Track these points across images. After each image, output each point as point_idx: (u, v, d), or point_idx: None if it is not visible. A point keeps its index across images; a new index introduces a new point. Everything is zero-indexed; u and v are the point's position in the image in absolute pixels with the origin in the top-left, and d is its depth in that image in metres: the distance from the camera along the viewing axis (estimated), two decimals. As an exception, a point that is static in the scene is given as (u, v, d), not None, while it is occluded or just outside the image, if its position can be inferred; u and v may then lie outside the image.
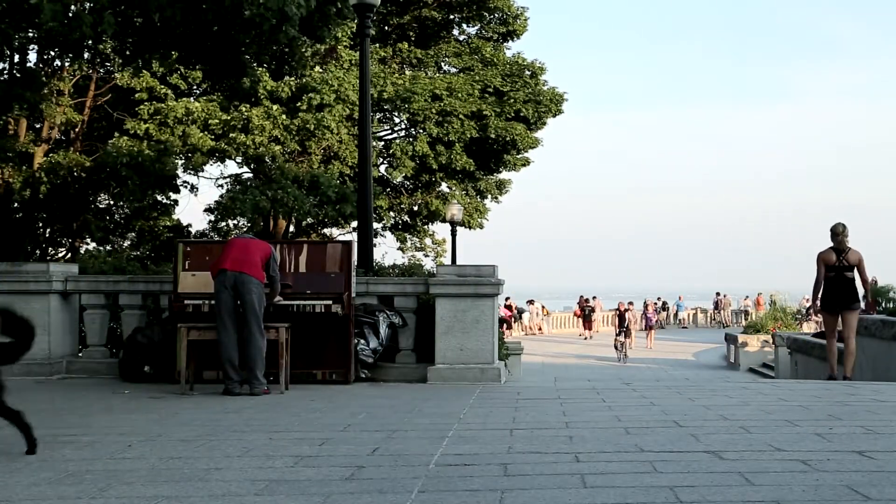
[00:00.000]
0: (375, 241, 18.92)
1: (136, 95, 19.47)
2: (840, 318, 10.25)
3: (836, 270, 10.08)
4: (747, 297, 53.58)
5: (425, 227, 27.23)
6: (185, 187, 21.37)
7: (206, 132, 19.70)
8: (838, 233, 10.13)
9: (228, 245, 7.89)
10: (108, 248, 19.29)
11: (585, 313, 41.90)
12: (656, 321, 37.05)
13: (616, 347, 28.55)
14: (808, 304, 26.26)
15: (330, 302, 8.22)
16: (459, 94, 22.69)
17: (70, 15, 8.94)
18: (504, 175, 26.89)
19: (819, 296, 10.22)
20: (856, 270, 10.10)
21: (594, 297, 44.64)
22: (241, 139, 19.86)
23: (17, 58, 14.31)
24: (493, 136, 23.33)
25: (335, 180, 19.69)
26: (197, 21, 9.82)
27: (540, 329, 44.02)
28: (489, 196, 26.95)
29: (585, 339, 38.97)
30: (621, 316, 29.61)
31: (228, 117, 19.89)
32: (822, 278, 10.17)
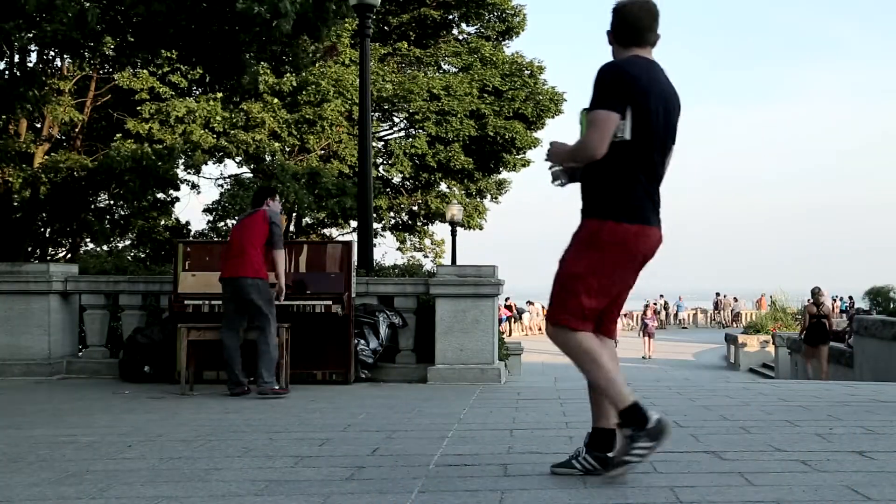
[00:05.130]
0: (375, 241, 18.92)
1: (137, 96, 19.48)
2: (817, 349, 15.96)
3: (816, 318, 15.89)
4: (736, 298, 53.92)
5: (425, 227, 27.25)
6: (187, 185, 21.40)
7: (207, 130, 19.73)
8: (816, 293, 16.13)
9: (228, 241, 7.78)
10: (108, 248, 19.29)
11: None
12: (655, 325, 33.98)
13: None
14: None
15: (330, 302, 8.23)
16: (457, 93, 22.70)
17: (55, 5, 8.85)
18: (504, 175, 26.91)
19: (804, 335, 16.23)
20: (827, 319, 16.00)
21: None
22: (241, 137, 19.87)
23: (17, 58, 14.30)
24: (491, 133, 23.33)
25: (334, 177, 19.71)
26: (190, 16, 9.80)
27: (540, 329, 44.10)
28: (489, 196, 26.96)
29: None
30: None
31: (229, 114, 19.92)
32: (808, 323, 16.02)
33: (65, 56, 16.47)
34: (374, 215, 18.82)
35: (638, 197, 3.68)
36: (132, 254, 19.19)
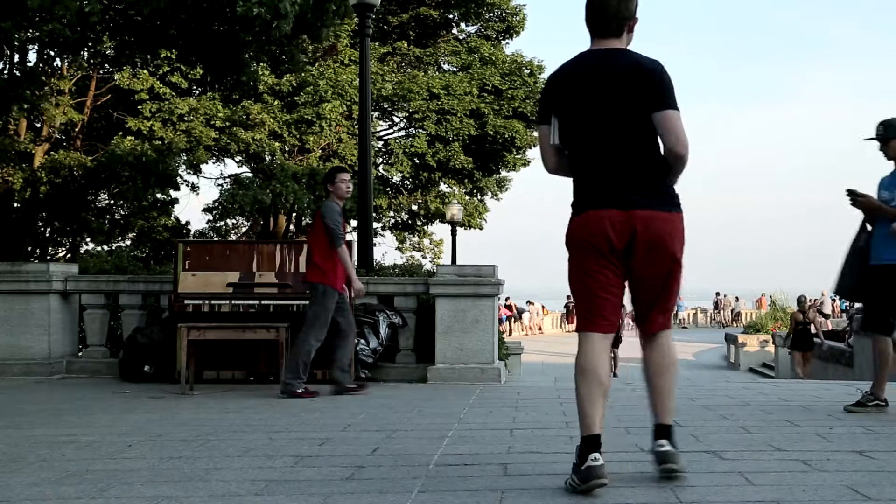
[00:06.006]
0: (375, 240, 18.93)
1: (137, 96, 19.48)
2: (802, 353, 17.65)
3: (802, 325, 17.54)
4: (738, 298, 53.93)
5: (425, 227, 27.24)
6: (186, 185, 21.41)
7: (208, 126, 19.74)
8: (801, 302, 18.44)
9: None
10: (108, 247, 19.30)
11: (569, 309, 46.28)
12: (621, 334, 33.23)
13: None
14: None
15: (330, 302, 8.21)
16: (457, 93, 22.69)
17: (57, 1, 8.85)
18: (504, 174, 26.89)
19: (790, 340, 18.15)
20: (812, 325, 17.95)
21: None
22: (241, 135, 19.87)
23: (16, 57, 14.31)
24: (491, 132, 23.31)
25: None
26: (190, 16, 9.80)
27: (540, 329, 44.09)
28: (489, 193, 26.93)
29: (568, 331, 43.52)
30: None
31: (230, 112, 19.92)
32: (793, 329, 17.80)
33: (65, 56, 16.47)
34: (374, 215, 18.83)
35: (580, 191, 3.68)
36: (133, 253, 19.21)
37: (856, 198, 5.81)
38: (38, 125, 19.04)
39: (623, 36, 3.71)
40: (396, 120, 24.93)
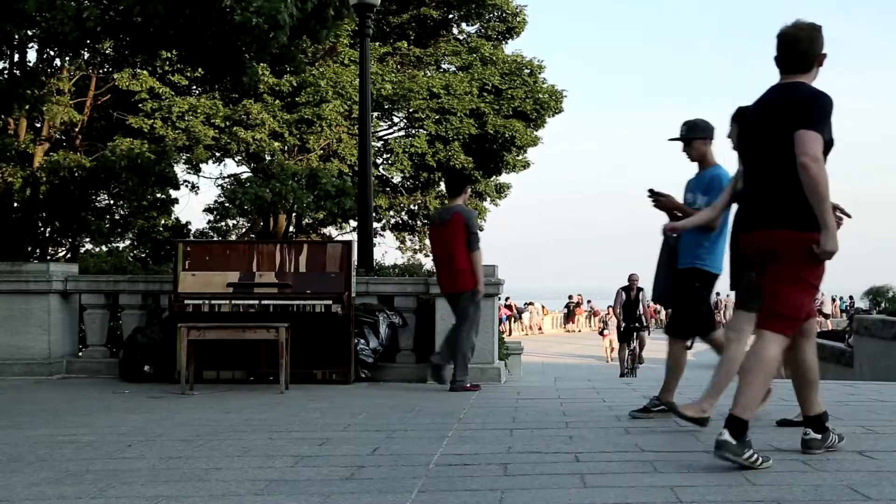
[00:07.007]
0: (375, 240, 18.91)
1: (137, 96, 19.48)
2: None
3: None
4: (729, 295, 54.12)
5: (425, 227, 27.23)
6: (186, 185, 21.41)
7: (208, 125, 19.75)
8: None
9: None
10: (108, 247, 19.30)
11: (570, 309, 47.49)
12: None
13: (622, 360, 18.79)
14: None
15: (330, 302, 8.23)
16: (457, 92, 22.69)
17: (54, 5, 8.85)
18: (504, 178, 26.84)
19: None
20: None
21: (579, 295, 50.34)
22: (241, 134, 19.87)
23: (16, 57, 14.30)
24: (491, 132, 23.29)
25: (334, 178, 19.71)
26: (189, 21, 9.79)
27: (540, 329, 44.07)
28: (488, 199, 26.91)
29: (569, 331, 45.29)
30: (629, 303, 17.95)
31: (231, 111, 19.93)
32: None
33: (65, 55, 16.46)
34: (374, 215, 18.80)
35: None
36: (132, 254, 19.20)
37: (657, 198, 5.70)
38: (38, 125, 19.03)
39: (812, 71, 4.08)
40: (396, 120, 24.91)
